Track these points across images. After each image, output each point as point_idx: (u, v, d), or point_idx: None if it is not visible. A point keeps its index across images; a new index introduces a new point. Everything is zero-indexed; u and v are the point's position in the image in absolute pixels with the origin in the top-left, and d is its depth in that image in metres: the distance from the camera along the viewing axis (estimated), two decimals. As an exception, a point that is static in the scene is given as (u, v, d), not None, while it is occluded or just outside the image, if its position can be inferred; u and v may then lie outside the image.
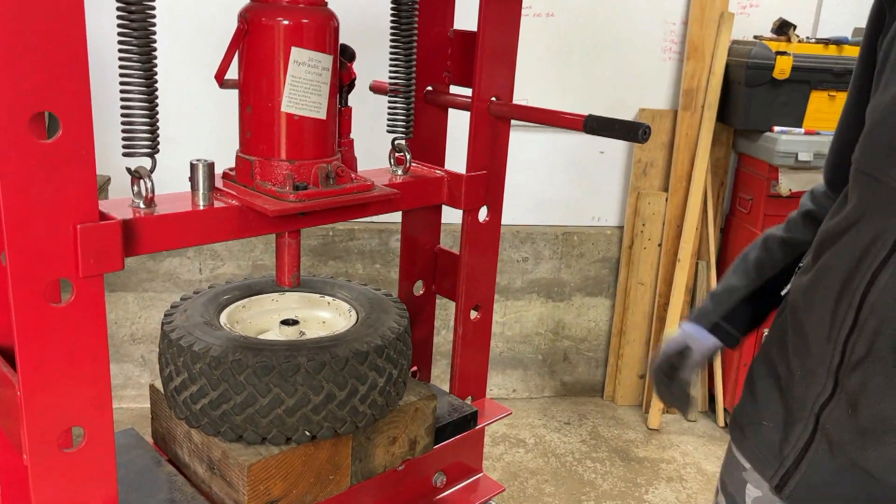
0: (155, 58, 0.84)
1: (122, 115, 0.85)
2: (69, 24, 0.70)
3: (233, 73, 0.98)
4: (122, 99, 0.85)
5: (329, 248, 3.13)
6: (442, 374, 3.03)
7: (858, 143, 0.95)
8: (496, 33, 1.16)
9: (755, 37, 3.07)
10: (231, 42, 0.94)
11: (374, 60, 1.39)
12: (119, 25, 0.81)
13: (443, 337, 3.17)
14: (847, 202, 0.96)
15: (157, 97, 0.86)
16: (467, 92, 1.22)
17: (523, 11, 1.09)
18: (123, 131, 0.85)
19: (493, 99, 1.18)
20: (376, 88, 1.32)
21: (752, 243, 1.22)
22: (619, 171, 3.34)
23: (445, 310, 3.01)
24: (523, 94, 3.03)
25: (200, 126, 2.74)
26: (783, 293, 1.13)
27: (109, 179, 2.63)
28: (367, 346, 1.00)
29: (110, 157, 1.15)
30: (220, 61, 0.96)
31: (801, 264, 1.07)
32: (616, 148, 3.30)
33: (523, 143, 3.09)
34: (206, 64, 1.15)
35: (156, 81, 0.85)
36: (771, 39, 2.96)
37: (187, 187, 0.92)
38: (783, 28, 2.88)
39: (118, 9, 0.81)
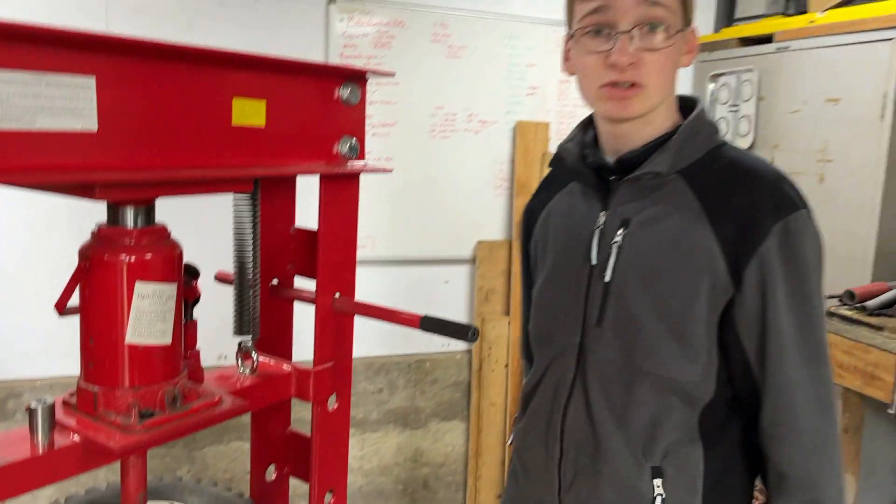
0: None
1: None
2: None
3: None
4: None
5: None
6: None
7: (532, 315, 1.31)
8: (336, 234, 1.25)
9: (574, 173, 3.41)
10: (71, 278, 0.95)
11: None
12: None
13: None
14: (533, 363, 1.29)
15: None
16: (312, 283, 1.29)
17: (365, 157, 1.18)
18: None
19: (337, 295, 1.25)
20: (221, 278, 1.36)
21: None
22: (464, 298, 3.51)
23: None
24: (369, 233, 3.17)
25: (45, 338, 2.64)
26: (509, 443, 1.41)
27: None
28: (220, 565, 1.00)
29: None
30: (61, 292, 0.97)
31: (516, 416, 1.36)
32: (459, 276, 3.47)
33: (371, 276, 3.19)
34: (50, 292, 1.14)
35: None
36: (588, 176, 3.30)
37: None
38: (597, 167, 3.23)
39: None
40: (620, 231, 1.14)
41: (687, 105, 1.19)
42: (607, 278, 1.14)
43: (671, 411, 1.11)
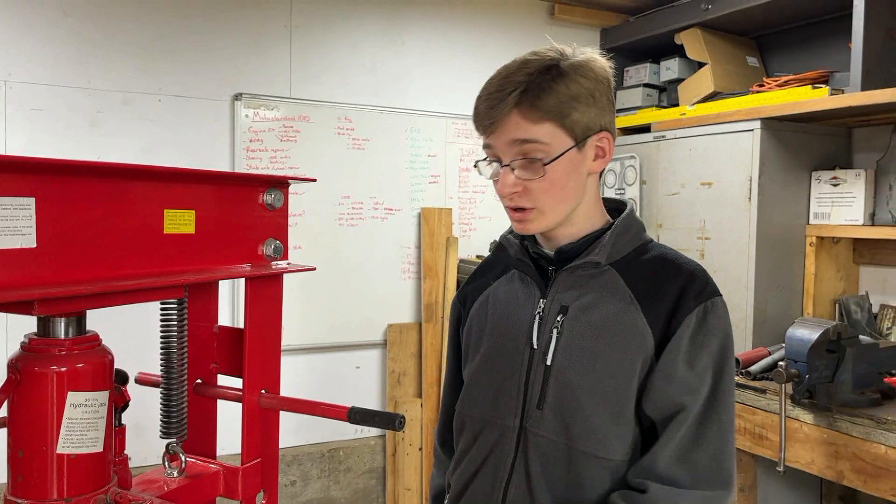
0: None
1: None
2: None
3: (0, 416, 0.98)
4: None
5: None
6: None
7: (463, 398, 1.32)
8: (261, 332, 1.29)
9: (477, 256, 3.56)
10: (0, 392, 0.96)
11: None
12: None
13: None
14: (464, 444, 1.29)
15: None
16: (235, 381, 1.31)
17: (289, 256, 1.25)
18: None
19: (263, 392, 1.28)
20: (142, 381, 1.36)
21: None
22: (376, 382, 3.53)
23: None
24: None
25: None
26: None
27: None
28: None
29: None
30: (-15, 406, 0.96)
31: None
32: (371, 361, 3.50)
33: (282, 366, 3.17)
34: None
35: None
36: (491, 258, 3.45)
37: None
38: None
39: None
40: (560, 317, 1.20)
41: (615, 206, 1.31)
42: (549, 361, 1.19)
43: (607, 493, 1.16)
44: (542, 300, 1.23)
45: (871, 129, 3.10)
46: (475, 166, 1.24)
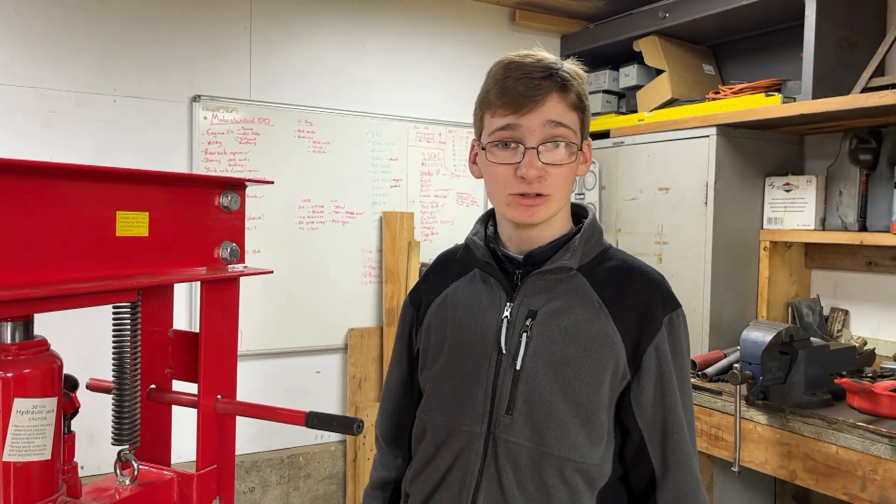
0: None
1: None
2: None
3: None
4: None
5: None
6: None
7: (425, 404, 1.29)
8: (217, 336, 1.27)
9: (439, 260, 3.56)
10: (-57, 398, 0.93)
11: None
12: None
13: None
14: (425, 452, 1.27)
15: None
16: (190, 387, 1.29)
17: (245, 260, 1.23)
18: None
19: (219, 397, 1.27)
20: (94, 387, 1.33)
21: None
22: (337, 387, 3.50)
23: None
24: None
25: None
26: None
27: None
28: None
29: None
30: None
31: None
32: (331, 366, 3.48)
33: (240, 371, 3.13)
34: None
35: None
36: (452, 262, 3.46)
37: None
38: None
39: None
40: (529, 321, 1.19)
41: (574, 211, 1.30)
42: (518, 366, 1.17)
43: (579, 498, 1.15)
44: (508, 304, 1.21)
45: (822, 137, 3.19)
46: (483, 148, 1.21)
